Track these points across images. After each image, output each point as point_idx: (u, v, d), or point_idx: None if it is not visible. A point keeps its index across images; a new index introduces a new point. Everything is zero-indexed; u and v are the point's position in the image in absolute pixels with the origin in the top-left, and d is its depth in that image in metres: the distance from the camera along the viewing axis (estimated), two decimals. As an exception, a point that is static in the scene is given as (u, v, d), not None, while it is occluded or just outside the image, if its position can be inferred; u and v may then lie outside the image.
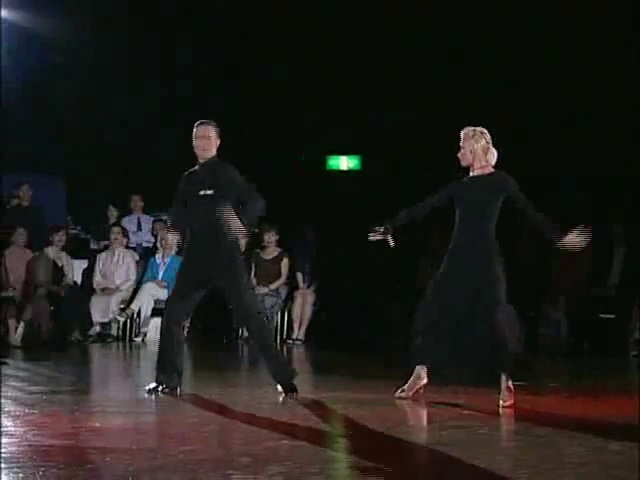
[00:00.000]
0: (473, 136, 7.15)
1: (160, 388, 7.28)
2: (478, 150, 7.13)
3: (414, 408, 6.83)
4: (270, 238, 13.08)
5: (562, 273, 12.42)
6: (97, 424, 5.95)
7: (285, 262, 13.07)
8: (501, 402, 6.76)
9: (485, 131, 7.19)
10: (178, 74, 15.11)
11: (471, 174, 7.19)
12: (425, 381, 7.13)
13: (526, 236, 12.12)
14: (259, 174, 14.82)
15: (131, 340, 12.74)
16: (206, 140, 7.43)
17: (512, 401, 6.75)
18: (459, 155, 7.19)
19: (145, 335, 12.79)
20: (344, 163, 15.86)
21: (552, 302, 12.44)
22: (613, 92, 13.15)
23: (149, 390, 7.27)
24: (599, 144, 13.33)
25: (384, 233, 7.20)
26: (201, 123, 7.48)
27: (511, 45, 13.78)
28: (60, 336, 12.14)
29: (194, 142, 7.46)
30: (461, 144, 7.18)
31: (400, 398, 7.05)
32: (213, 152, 7.47)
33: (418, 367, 7.14)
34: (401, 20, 14.35)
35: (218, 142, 7.50)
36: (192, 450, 5.09)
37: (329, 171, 15.81)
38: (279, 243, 13.21)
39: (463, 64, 14.17)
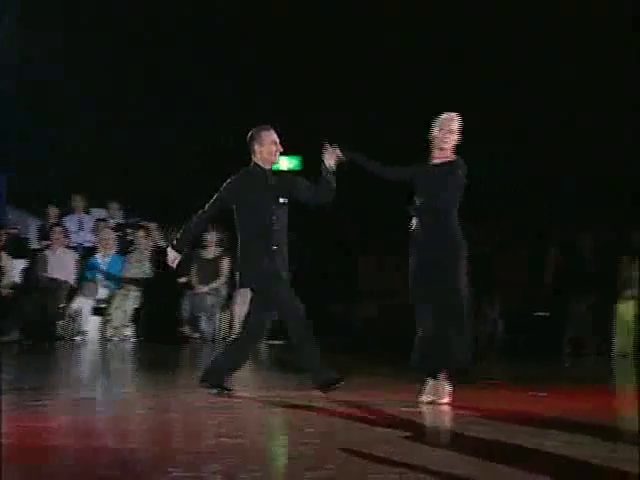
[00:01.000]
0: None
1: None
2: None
3: (355, 406, 6.81)
4: (211, 238, 13.05)
5: (498, 272, 12.52)
6: (37, 424, 5.86)
7: (226, 262, 13.04)
8: (432, 398, 6.75)
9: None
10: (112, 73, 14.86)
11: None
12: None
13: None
14: (202, 175, 14.94)
15: (71, 339, 12.63)
16: (279, 146, 7.28)
17: (449, 399, 6.76)
18: (450, 141, 6.92)
19: (85, 334, 12.72)
20: (284, 163, 15.85)
21: (489, 301, 12.53)
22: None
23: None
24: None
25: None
26: (271, 128, 7.28)
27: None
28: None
29: (268, 147, 7.24)
30: (452, 128, 6.92)
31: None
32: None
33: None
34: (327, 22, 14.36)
35: None
36: (133, 448, 5.04)
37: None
38: (220, 242, 13.17)
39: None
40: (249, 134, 7.33)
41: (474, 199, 7.07)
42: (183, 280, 12.93)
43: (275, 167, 7.47)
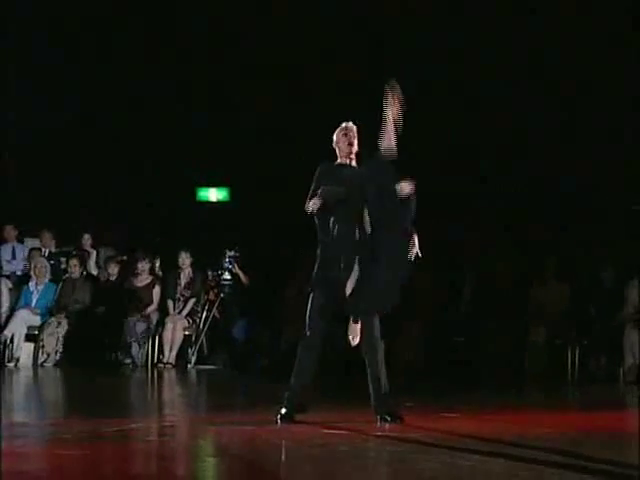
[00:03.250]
0: None
1: None
2: None
3: (279, 428, 6.85)
4: (143, 266, 13.07)
5: (419, 297, 12.67)
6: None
7: (157, 289, 13.06)
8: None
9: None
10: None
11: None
12: None
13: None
14: (132, 204, 14.90)
15: (4, 365, 12.46)
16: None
17: None
18: (354, 148, 7.01)
19: (18, 360, 12.58)
20: (213, 195, 15.89)
21: (408, 324, 12.68)
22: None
23: None
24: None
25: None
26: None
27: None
28: None
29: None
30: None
31: None
32: None
33: None
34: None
35: None
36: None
37: (199, 202, 15.80)
38: (151, 271, 13.19)
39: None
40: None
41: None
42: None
43: (204, 198, 7.45)
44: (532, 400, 9.71)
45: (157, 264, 13.50)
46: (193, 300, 13.07)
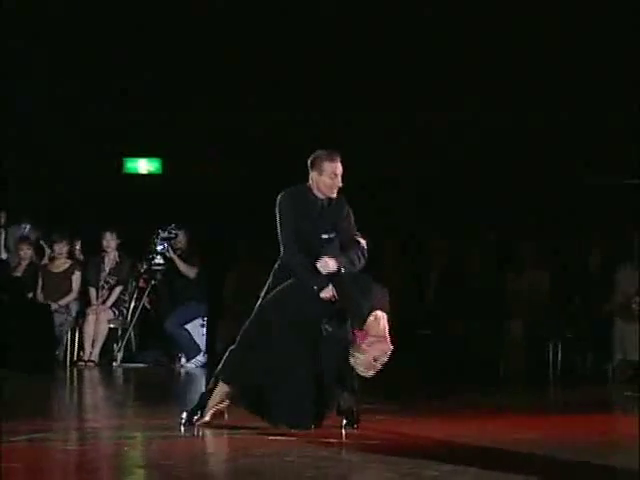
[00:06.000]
0: None
1: None
2: None
3: (218, 435, 6.81)
4: (61, 249, 12.91)
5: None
6: None
7: (77, 276, 12.93)
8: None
9: None
10: None
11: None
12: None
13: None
14: (49, 177, 14.76)
15: None
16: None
17: None
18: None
19: None
20: (143, 166, 15.76)
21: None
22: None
23: None
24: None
25: None
26: (336, 156, 7.08)
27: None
28: None
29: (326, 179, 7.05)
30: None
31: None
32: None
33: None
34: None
35: None
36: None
37: (126, 175, 15.68)
38: (70, 255, 13.05)
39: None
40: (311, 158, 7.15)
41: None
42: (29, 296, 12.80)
43: (132, 169, 7.39)
44: (509, 402, 9.74)
45: (77, 246, 13.38)
46: (120, 288, 12.97)
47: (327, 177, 7.03)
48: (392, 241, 13.41)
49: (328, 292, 6.81)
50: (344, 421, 6.93)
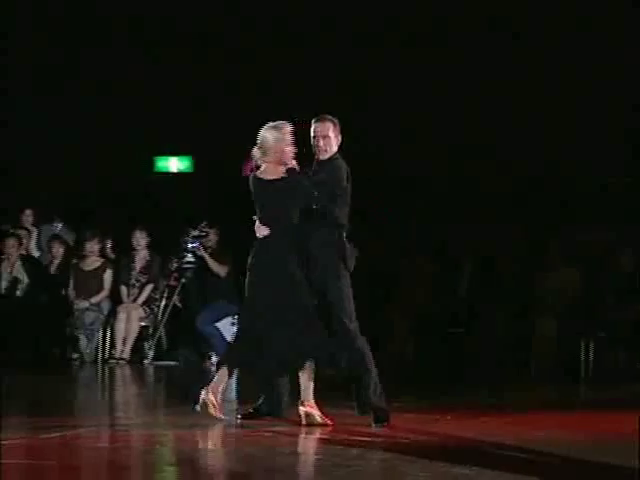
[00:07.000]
0: None
1: None
2: None
3: (248, 433, 6.83)
4: (92, 247, 12.95)
5: (405, 290, 12.83)
6: None
7: (108, 274, 12.97)
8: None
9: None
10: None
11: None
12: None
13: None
14: (81, 176, 14.84)
15: None
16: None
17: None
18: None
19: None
20: (174, 165, 15.81)
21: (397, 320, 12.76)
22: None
23: None
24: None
25: None
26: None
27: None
28: None
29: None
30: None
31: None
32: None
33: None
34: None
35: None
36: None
37: (157, 173, 15.73)
38: (101, 253, 13.09)
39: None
40: None
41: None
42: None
43: (163, 168, 7.49)
44: (539, 401, 9.72)
45: (108, 245, 13.43)
46: (150, 286, 13.01)
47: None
48: (424, 241, 13.45)
49: None
50: (374, 419, 6.94)
